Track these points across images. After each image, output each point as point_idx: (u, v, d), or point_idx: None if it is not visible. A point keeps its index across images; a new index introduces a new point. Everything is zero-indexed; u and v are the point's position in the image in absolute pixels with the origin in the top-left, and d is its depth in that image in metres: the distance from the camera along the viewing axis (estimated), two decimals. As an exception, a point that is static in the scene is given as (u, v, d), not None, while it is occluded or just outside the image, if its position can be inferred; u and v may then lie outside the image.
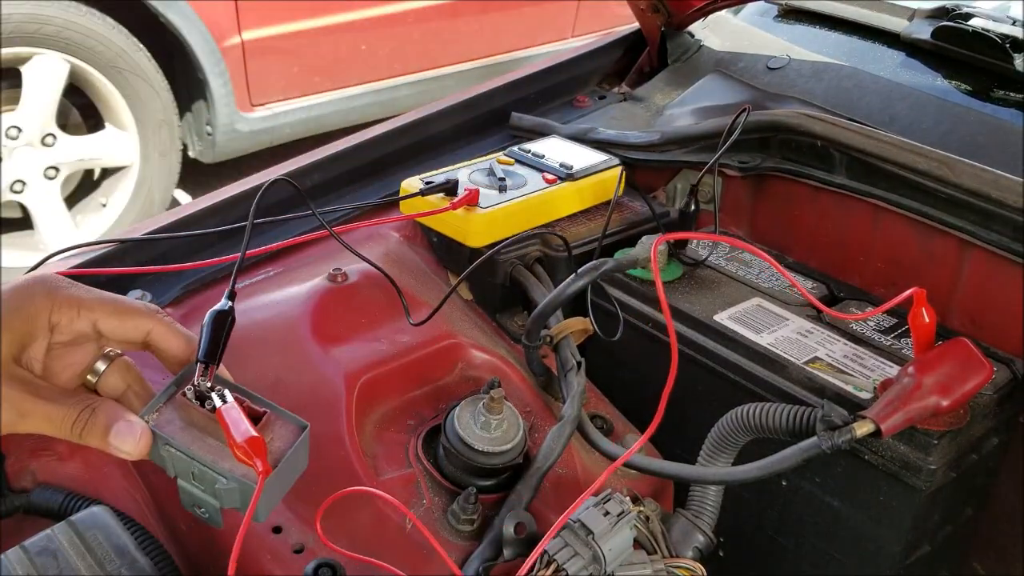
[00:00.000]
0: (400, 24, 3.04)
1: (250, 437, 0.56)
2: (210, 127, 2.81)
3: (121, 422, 0.58)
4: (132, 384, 0.64)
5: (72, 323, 0.60)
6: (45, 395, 0.58)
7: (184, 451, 0.58)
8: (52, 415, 0.57)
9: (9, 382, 0.57)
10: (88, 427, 0.58)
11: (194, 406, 0.59)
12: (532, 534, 0.76)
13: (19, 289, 0.59)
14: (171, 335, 0.62)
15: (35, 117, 2.53)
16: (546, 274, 1.04)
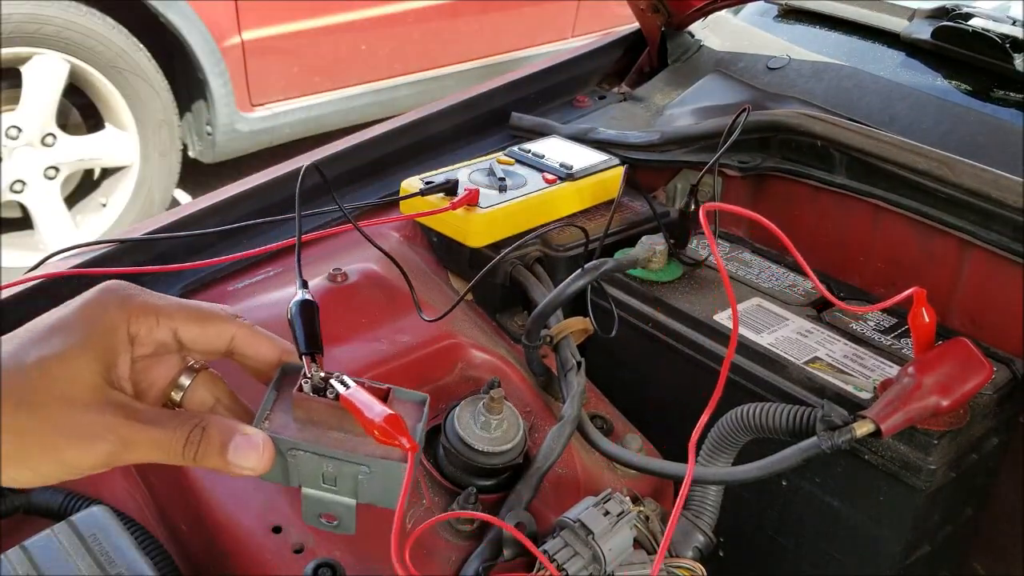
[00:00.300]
0: (400, 24, 3.04)
1: (388, 415, 0.52)
2: (210, 127, 2.81)
3: (237, 436, 0.53)
4: (221, 397, 0.59)
5: (152, 333, 0.55)
6: (147, 418, 0.52)
7: (314, 450, 0.54)
8: (160, 441, 0.52)
9: (106, 408, 0.51)
10: (202, 448, 0.52)
11: (314, 399, 0.54)
12: (532, 534, 0.76)
13: (89, 302, 0.53)
14: (256, 339, 0.58)
15: (35, 117, 2.53)
16: (546, 274, 1.04)
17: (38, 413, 0.49)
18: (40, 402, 0.49)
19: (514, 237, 1.05)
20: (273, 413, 0.56)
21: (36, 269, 0.95)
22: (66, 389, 0.50)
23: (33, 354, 0.50)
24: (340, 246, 1.06)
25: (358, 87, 3.03)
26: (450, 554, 0.77)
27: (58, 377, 0.50)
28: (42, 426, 0.49)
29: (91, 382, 0.51)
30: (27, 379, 0.49)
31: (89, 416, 0.50)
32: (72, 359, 0.51)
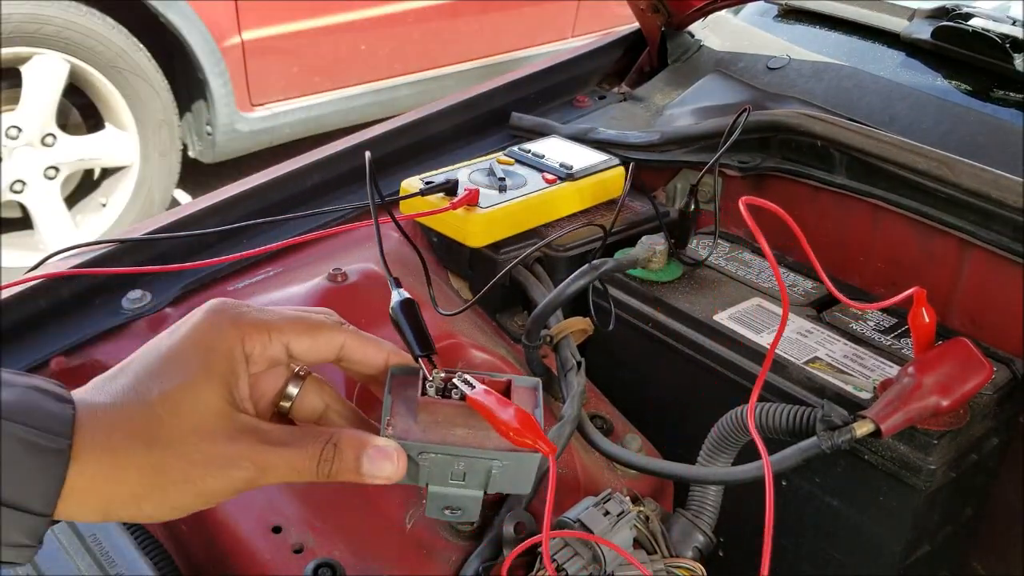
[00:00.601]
0: (400, 24, 3.05)
1: (522, 417, 0.52)
2: (210, 127, 2.81)
3: (370, 449, 0.52)
4: (330, 402, 0.58)
5: (266, 350, 0.54)
6: (279, 440, 0.51)
7: (446, 451, 0.54)
8: (294, 462, 0.51)
9: (238, 435, 0.50)
10: (336, 465, 0.52)
11: (440, 402, 0.54)
12: (532, 534, 0.76)
13: (200, 326, 0.52)
14: (364, 344, 0.57)
15: (35, 117, 2.53)
16: (546, 274, 1.04)
17: (172, 449, 0.49)
18: (173, 438, 0.49)
19: (515, 237, 1.05)
20: (394, 418, 0.55)
21: (36, 269, 0.96)
22: (196, 421, 0.50)
23: (156, 389, 0.50)
24: (340, 246, 1.06)
25: (358, 87, 3.04)
26: (450, 554, 0.77)
27: (186, 410, 0.49)
28: (178, 462, 0.49)
29: (218, 409, 0.50)
30: (155, 415, 0.49)
31: (223, 446, 0.50)
32: (197, 389, 0.50)
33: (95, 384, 0.51)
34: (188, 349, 0.51)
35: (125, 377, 0.50)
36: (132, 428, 0.48)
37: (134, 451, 0.48)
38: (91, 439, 0.47)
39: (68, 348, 0.90)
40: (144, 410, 0.49)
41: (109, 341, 0.91)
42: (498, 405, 0.52)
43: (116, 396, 0.49)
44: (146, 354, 0.52)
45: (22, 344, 0.89)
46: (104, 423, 0.48)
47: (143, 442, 0.48)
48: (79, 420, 0.48)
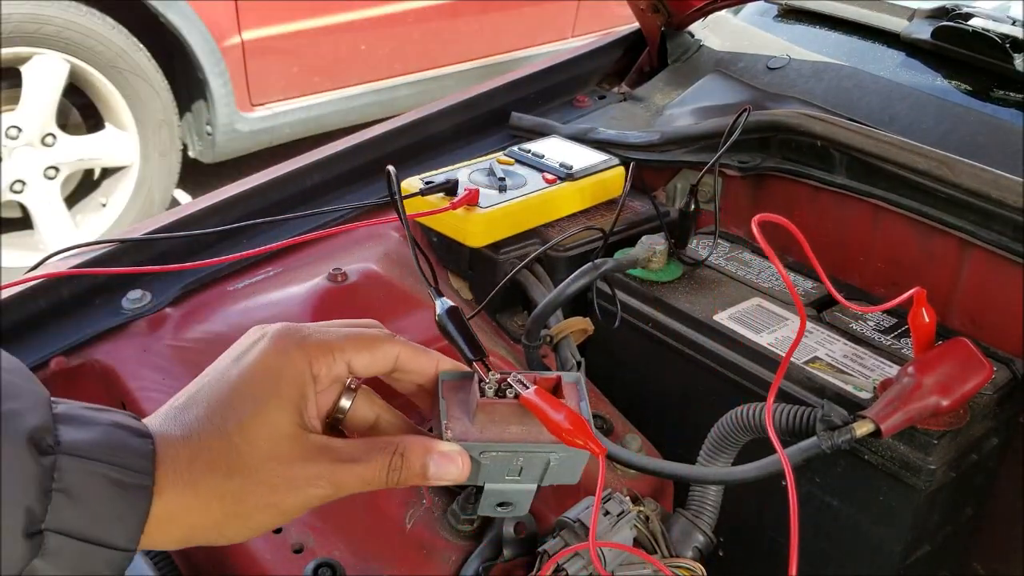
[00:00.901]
0: (400, 24, 3.04)
1: (574, 418, 0.54)
2: (210, 127, 2.81)
3: (435, 455, 0.54)
4: (380, 412, 0.60)
5: (331, 370, 0.55)
6: (350, 456, 0.53)
7: (508, 448, 0.56)
8: (366, 476, 0.53)
9: (313, 456, 0.52)
10: (404, 474, 0.54)
11: (498, 402, 0.56)
12: (532, 534, 0.76)
13: (269, 352, 0.53)
14: (417, 355, 0.58)
15: (35, 117, 2.53)
16: (546, 274, 1.04)
17: (252, 477, 0.50)
18: (252, 466, 0.50)
19: (515, 237, 1.05)
20: (451, 421, 0.57)
21: (36, 269, 0.96)
22: (272, 448, 0.51)
23: (231, 419, 0.51)
24: (340, 246, 1.06)
25: (358, 87, 3.04)
26: (450, 554, 0.78)
27: (263, 438, 0.51)
28: (258, 488, 0.51)
29: (292, 433, 0.52)
30: (233, 446, 0.50)
31: (300, 468, 0.51)
32: (271, 417, 0.52)
33: (167, 415, 0.52)
34: (258, 377, 0.53)
35: (197, 408, 0.52)
36: (211, 459, 0.50)
37: (215, 482, 0.50)
38: (173, 473, 0.49)
39: (68, 348, 0.90)
40: (222, 442, 0.50)
41: (109, 341, 0.91)
42: (550, 406, 0.54)
43: (192, 428, 0.51)
44: (215, 383, 0.53)
45: (22, 344, 0.89)
46: (184, 456, 0.50)
47: (223, 472, 0.50)
48: (159, 454, 0.49)
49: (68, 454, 0.46)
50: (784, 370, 0.67)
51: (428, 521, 0.79)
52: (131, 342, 0.91)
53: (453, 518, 0.79)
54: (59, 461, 0.46)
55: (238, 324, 0.93)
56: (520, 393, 0.56)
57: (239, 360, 0.54)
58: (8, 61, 2.45)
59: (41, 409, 0.47)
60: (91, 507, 0.46)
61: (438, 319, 0.61)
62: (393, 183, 0.64)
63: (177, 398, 0.53)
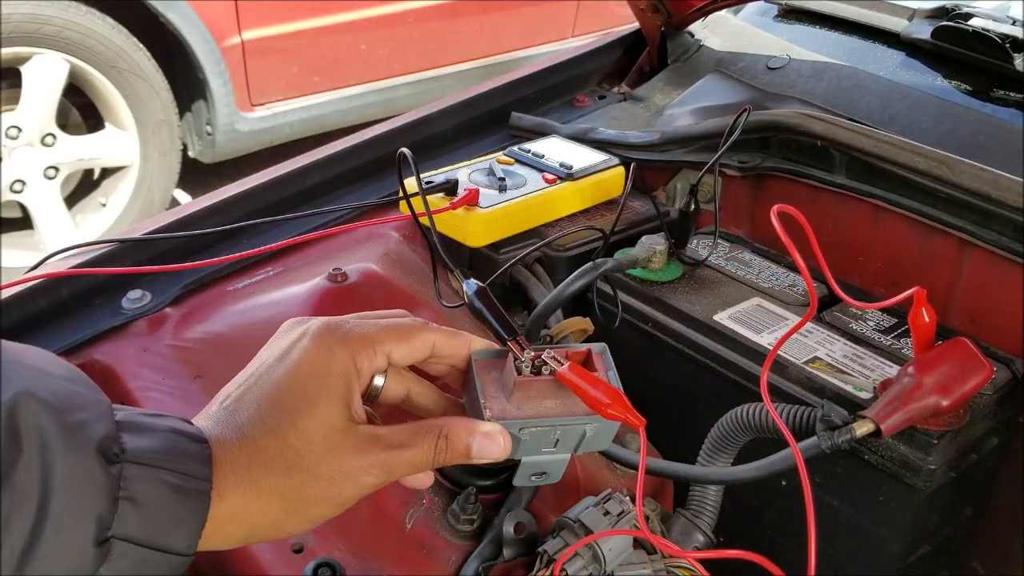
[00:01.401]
0: (400, 24, 3.04)
1: (611, 392, 0.55)
2: (210, 127, 2.81)
3: (477, 436, 0.56)
4: (411, 385, 0.61)
5: (372, 363, 0.57)
6: (398, 442, 0.55)
7: (546, 423, 0.58)
8: (414, 460, 0.55)
9: (364, 447, 0.54)
10: (449, 455, 0.56)
11: (535, 380, 0.57)
12: (532, 534, 0.76)
13: (313, 351, 0.55)
14: (451, 339, 0.60)
15: (35, 117, 2.53)
16: (546, 274, 1.04)
17: (310, 473, 0.52)
18: (308, 463, 0.52)
19: (515, 237, 1.05)
20: (488, 400, 0.58)
21: (36, 269, 0.96)
22: (327, 443, 0.53)
23: (285, 420, 0.52)
24: (340, 246, 1.06)
25: (358, 87, 3.04)
26: (450, 554, 0.77)
27: (317, 435, 0.53)
28: (316, 483, 0.53)
29: (343, 427, 0.54)
30: (289, 446, 0.52)
31: (354, 459, 0.53)
32: (322, 414, 0.53)
33: (218, 418, 0.53)
34: (306, 375, 0.54)
35: (249, 409, 0.53)
36: (269, 460, 0.52)
37: (275, 481, 0.52)
38: (232, 475, 0.51)
39: (68, 348, 0.90)
40: (278, 442, 0.52)
41: (109, 341, 0.91)
42: (587, 382, 0.56)
43: (245, 430, 0.52)
44: (263, 383, 0.54)
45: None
46: (242, 459, 0.51)
47: (282, 471, 0.52)
48: (216, 458, 0.51)
49: (133, 462, 0.47)
50: (773, 357, 0.67)
51: (428, 521, 0.79)
52: (131, 342, 0.91)
53: (453, 518, 0.79)
54: (125, 469, 0.47)
55: (238, 324, 0.93)
56: (556, 370, 0.57)
57: (284, 359, 0.55)
58: (8, 61, 2.45)
59: (106, 418, 0.48)
60: (154, 513, 0.47)
61: (468, 300, 0.61)
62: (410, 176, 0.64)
63: (224, 398, 0.54)
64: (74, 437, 0.45)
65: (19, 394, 0.44)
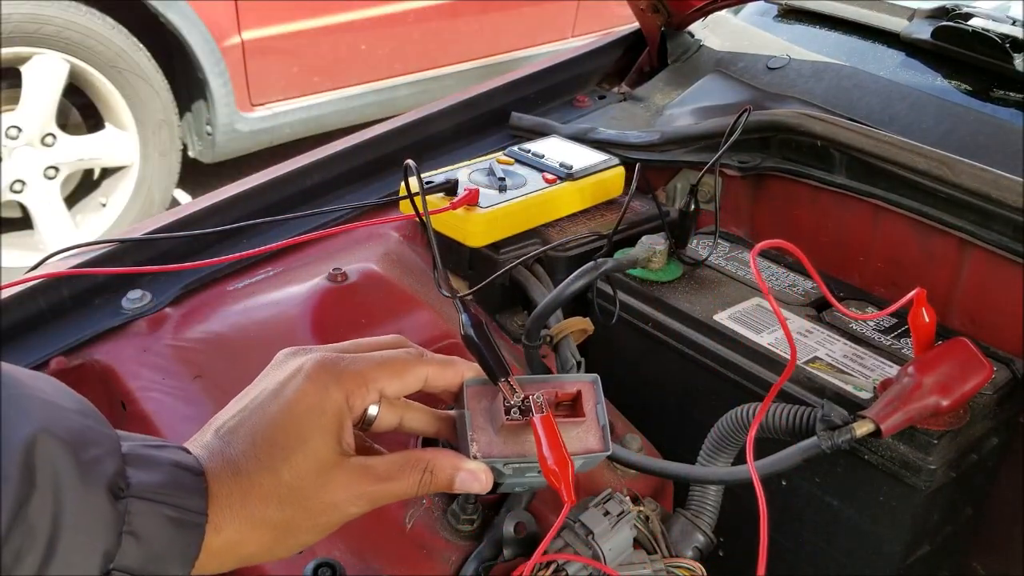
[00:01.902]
0: (400, 24, 3.04)
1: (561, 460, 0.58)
2: (210, 127, 2.81)
3: (462, 472, 0.59)
4: (404, 412, 0.63)
5: (364, 400, 0.58)
6: (385, 474, 0.57)
7: (529, 460, 0.61)
8: (399, 492, 0.58)
9: (353, 480, 0.56)
10: (432, 487, 0.59)
11: (520, 422, 0.60)
12: (532, 534, 0.76)
13: (308, 390, 0.56)
14: (444, 371, 0.61)
15: (35, 117, 2.53)
16: (546, 274, 1.04)
17: (301, 505, 0.55)
18: (300, 496, 0.54)
19: (515, 237, 1.05)
20: (476, 432, 0.60)
21: (36, 269, 0.96)
22: (318, 478, 0.55)
23: (279, 457, 0.54)
24: (340, 246, 1.06)
25: (358, 87, 3.03)
26: (450, 554, 0.77)
27: (309, 471, 0.55)
28: (307, 514, 0.55)
29: (334, 461, 0.56)
30: (283, 482, 0.54)
31: (342, 491, 0.56)
32: (315, 451, 0.55)
33: (212, 448, 0.55)
34: (301, 415, 0.56)
35: (242, 443, 0.55)
36: (263, 494, 0.54)
37: (268, 514, 0.54)
38: (228, 508, 0.53)
39: (68, 348, 0.90)
40: (272, 478, 0.54)
41: (109, 341, 0.91)
42: (548, 441, 0.58)
43: (240, 464, 0.54)
44: (256, 417, 0.56)
45: (22, 344, 0.89)
46: (237, 493, 0.53)
47: (275, 505, 0.54)
48: (212, 491, 0.52)
49: (137, 497, 0.49)
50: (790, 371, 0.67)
51: (428, 521, 0.79)
52: (131, 342, 0.91)
53: (453, 518, 0.79)
54: (129, 504, 0.49)
55: (238, 324, 0.93)
56: (532, 420, 0.59)
57: (278, 395, 0.56)
58: (8, 61, 2.45)
59: (115, 454, 0.50)
60: (152, 546, 0.49)
61: (464, 336, 0.62)
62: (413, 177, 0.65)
63: (219, 428, 0.56)
64: (87, 475, 0.47)
65: (37, 432, 0.46)
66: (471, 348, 0.62)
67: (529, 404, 0.59)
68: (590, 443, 0.63)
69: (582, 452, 0.63)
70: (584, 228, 1.11)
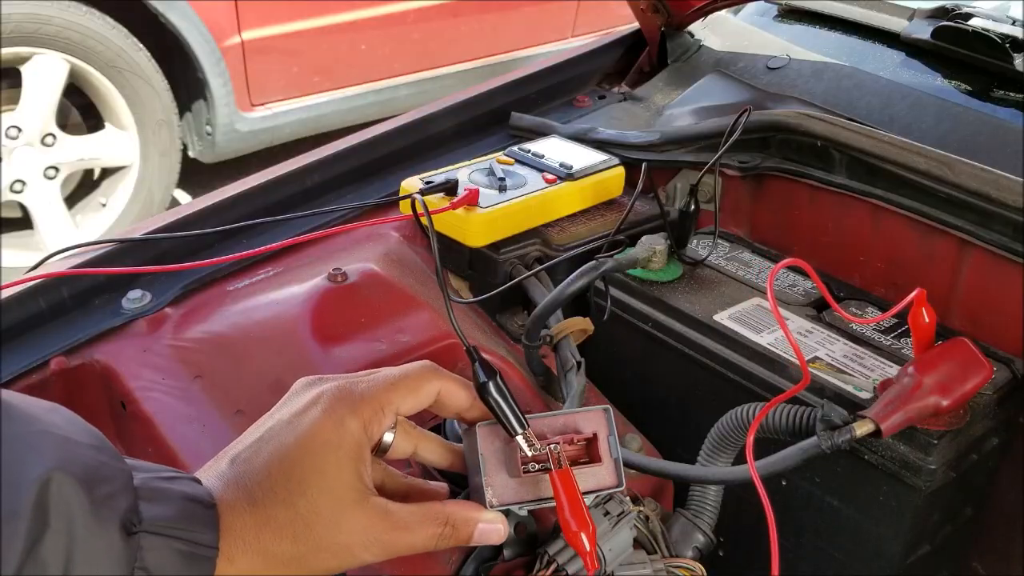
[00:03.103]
0: (400, 24, 3.04)
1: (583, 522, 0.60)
2: (210, 127, 2.81)
3: (481, 526, 0.59)
4: (419, 441, 0.63)
5: (382, 424, 0.58)
6: (403, 524, 0.57)
7: (542, 504, 0.63)
8: (416, 545, 0.57)
9: (371, 524, 0.55)
10: (451, 542, 0.59)
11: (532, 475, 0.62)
12: (532, 534, 0.76)
13: (325, 424, 0.56)
14: (457, 389, 0.62)
15: (35, 117, 2.53)
16: (545, 274, 1.04)
17: (315, 542, 0.54)
18: (316, 533, 0.54)
19: (515, 237, 1.05)
20: (489, 476, 0.62)
21: (36, 269, 0.96)
22: (336, 516, 0.54)
23: (296, 490, 0.54)
24: (340, 246, 1.06)
25: (358, 87, 3.04)
26: (450, 554, 0.77)
27: (326, 509, 0.54)
28: (321, 552, 0.54)
29: (353, 499, 0.55)
30: (299, 517, 0.53)
31: (359, 535, 0.55)
32: (334, 485, 0.54)
33: (227, 479, 0.54)
34: (318, 448, 0.55)
35: (258, 475, 0.54)
36: (278, 529, 0.53)
37: (282, 548, 0.53)
38: (241, 540, 0.52)
39: (68, 348, 0.90)
40: (288, 512, 0.53)
41: (109, 341, 0.91)
42: (568, 500, 0.60)
43: (256, 496, 0.53)
44: (272, 448, 0.55)
45: (22, 344, 0.89)
46: (251, 525, 0.53)
47: (290, 540, 0.53)
48: (224, 523, 0.52)
49: (149, 532, 0.49)
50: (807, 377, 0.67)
51: (428, 521, 0.79)
52: (131, 342, 0.91)
53: (453, 518, 0.79)
54: (141, 539, 0.48)
55: (238, 324, 0.93)
56: (552, 475, 0.61)
57: (295, 426, 0.56)
58: (8, 61, 2.45)
59: (128, 489, 0.50)
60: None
61: (479, 390, 0.63)
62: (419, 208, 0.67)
63: (234, 458, 0.55)
64: (100, 512, 0.47)
65: (51, 470, 0.45)
66: (486, 401, 0.62)
67: (547, 457, 0.60)
68: (604, 479, 0.65)
69: (596, 489, 0.65)
70: (584, 228, 1.11)
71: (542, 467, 0.63)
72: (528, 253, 1.04)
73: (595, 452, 0.66)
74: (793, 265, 0.73)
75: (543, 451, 0.61)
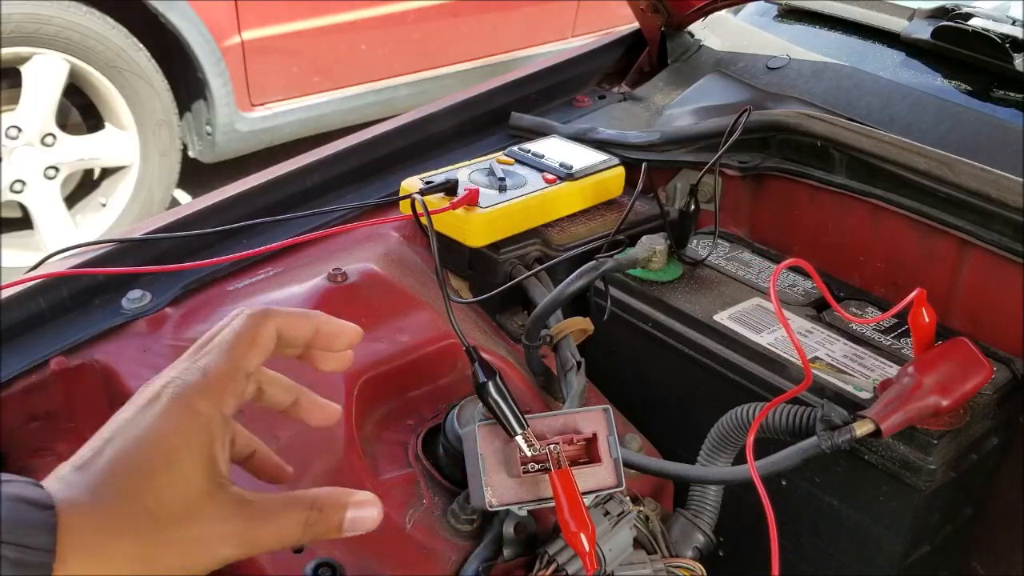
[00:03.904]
0: (400, 24, 3.04)
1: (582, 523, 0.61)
2: (210, 127, 2.81)
3: (351, 511, 0.54)
4: (299, 395, 0.60)
5: (242, 398, 0.55)
6: (265, 513, 0.52)
7: (538, 505, 0.64)
8: (280, 534, 0.52)
9: (227, 515, 0.51)
10: (320, 530, 0.54)
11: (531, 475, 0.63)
12: (532, 534, 0.76)
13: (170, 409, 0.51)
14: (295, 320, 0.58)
15: (35, 117, 2.53)
16: (545, 274, 1.04)
17: (163, 537, 0.49)
18: (163, 527, 0.49)
19: (515, 237, 1.05)
20: (489, 476, 0.63)
21: (36, 269, 0.96)
22: (186, 508, 0.50)
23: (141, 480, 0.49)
24: (340, 246, 1.06)
25: (358, 87, 3.04)
26: (450, 554, 0.77)
27: (175, 498, 0.50)
28: (169, 548, 0.49)
29: (205, 489, 0.51)
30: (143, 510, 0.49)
31: (213, 527, 0.50)
32: (184, 474, 0.50)
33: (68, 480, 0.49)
34: (165, 439, 0.50)
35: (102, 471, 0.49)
36: (120, 525, 0.48)
37: (124, 547, 0.48)
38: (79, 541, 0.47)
39: (68, 348, 0.90)
40: (131, 506, 0.49)
41: (109, 341, 0.91)
42: (568, 501, 0.61)
43: (97, 491, 0.49)
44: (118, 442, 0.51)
45: (22, 344, 0.89)
46: (91, 523, 0.48)
47: (132, 537, 0.48)
48: (63, 524, 0.47)
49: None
50: (809, 378, 0.67)
51: (428, 521, 0.79)
52: (131, 342, 0.91)
53: (453, 518, 0.79)
54: None
55: (238, 324, 0.93)
56: (551, 476, 0.62)
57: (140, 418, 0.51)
58: (8, 61, 2.45)
59: None
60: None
61: (479, 390, 0.64)
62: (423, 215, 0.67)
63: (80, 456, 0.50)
64: None
65: None
66: (486, 402, 0.63)
67: (546, 457, 0.61)
68: (603, 480, 0.66)
69: (595, 489, 0.66)
70: (584, 228, 1.11)
71: (542, 467, 0.62)
72: (528, 253, 1.04)
73: (595, 452, 0.66)
74: (794, 265, 0.73)
75: (543, 451, 0.61)
